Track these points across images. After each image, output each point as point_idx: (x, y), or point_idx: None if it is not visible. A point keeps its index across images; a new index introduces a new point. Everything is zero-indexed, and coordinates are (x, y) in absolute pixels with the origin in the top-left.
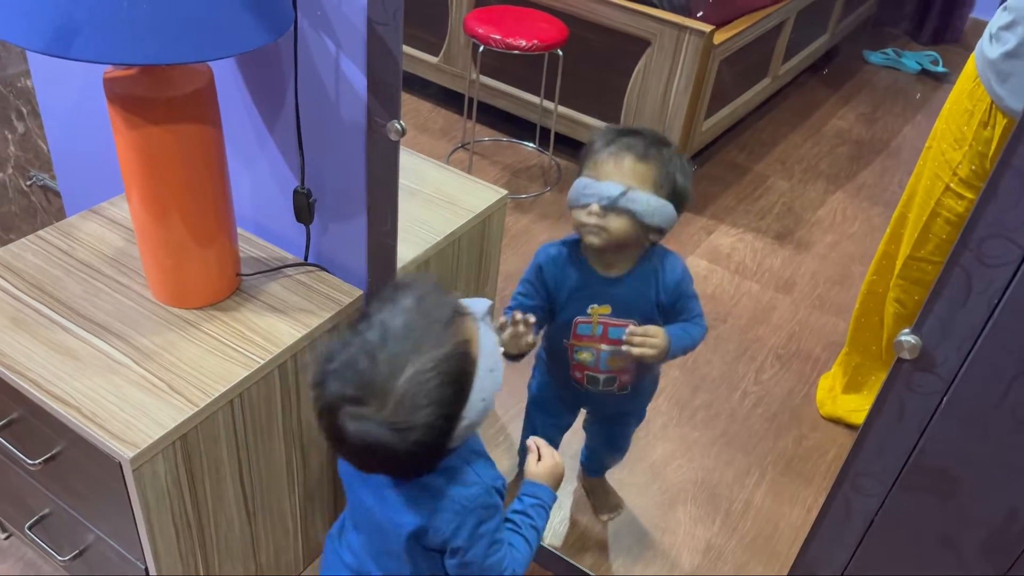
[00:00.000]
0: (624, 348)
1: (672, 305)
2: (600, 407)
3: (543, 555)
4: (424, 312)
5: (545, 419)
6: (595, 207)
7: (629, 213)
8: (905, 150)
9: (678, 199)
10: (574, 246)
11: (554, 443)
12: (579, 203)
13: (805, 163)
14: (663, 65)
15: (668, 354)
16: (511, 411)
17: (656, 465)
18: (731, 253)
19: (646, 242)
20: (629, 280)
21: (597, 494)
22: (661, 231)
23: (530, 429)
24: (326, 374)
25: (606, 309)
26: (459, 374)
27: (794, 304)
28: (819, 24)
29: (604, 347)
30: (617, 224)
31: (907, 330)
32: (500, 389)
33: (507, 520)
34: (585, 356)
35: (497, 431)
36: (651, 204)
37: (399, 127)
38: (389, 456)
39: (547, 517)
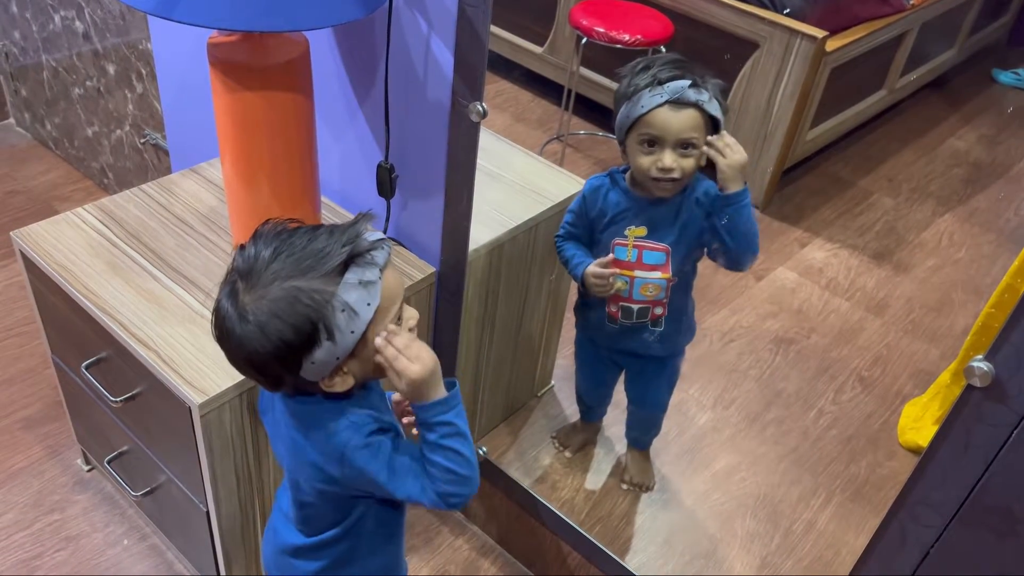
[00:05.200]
0: (707, 149)
1: (713, 213)
2: (634, 350)
3: (592, 551)
4: (337, 247)
5: (588, 376)
6: (668, 159)
7: (698, 109)
8: None
9: (720, 95)
10: (619, 174)
11: (602, 400)
12: (646, 107)
13: (914, 182)
14: (770, 69)
15: (743, 183)
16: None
17: (719, 475)
18: (823, 268)
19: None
20: (667, 202)
21: (633, 466)
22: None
23: (579, 387)
24: (242, 249)
25: (642, 231)
26: (322, 317)
27: (884, 327)
28: (946, 38)
29: (638, 273)
30: (687, 164)
31: (980, 356)
32: (347, 352)
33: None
34: (619, 284)
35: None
36: (712, 101)
37: (480, 109)
38: (231, 343)
39: (444, 422)
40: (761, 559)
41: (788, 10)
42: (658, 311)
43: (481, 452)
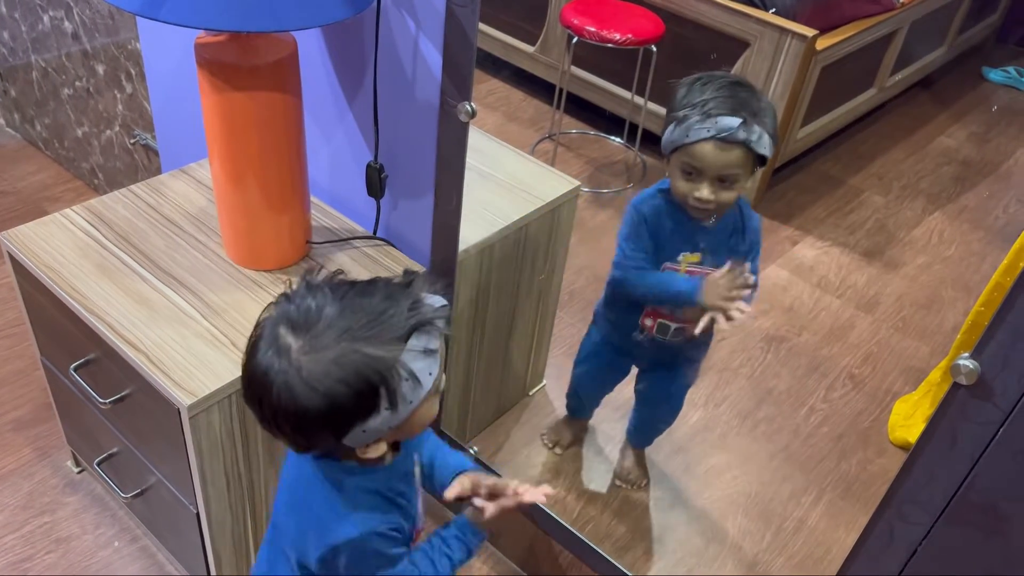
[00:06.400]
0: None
1: (747, 251)
2: (657, 357)
3: (583, 550)
4: (402, 312)
5: (593, 378)
6: (706, 192)
7: (744, 149)
8: (1016, 174)
9: (774, 130)
10: (668, 193)
11: (600, 399)
12: (692, 138)
13: (904, 180)
14: (760, 68)
15: None
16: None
17: (711, 473)
18: (815, 266)
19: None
20: (719, 226)
21: (628, 463)
22: (760, 165)
23: (577, 386)
24: (289, 299)
25: (696, 257)
26: (386, 385)
27: (875, 324)
28: (935, 37)
29: None
30: (727, 196)
31: (966, 354)
32: (402, 422)
33: (428, 540)
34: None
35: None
36: (764, 137)
37: (469, 109)
38: (274, 399)
39: (466, 553)
40: (752, 556)
41: (774, 9)
42: (691, 329)
43: (472, 452)
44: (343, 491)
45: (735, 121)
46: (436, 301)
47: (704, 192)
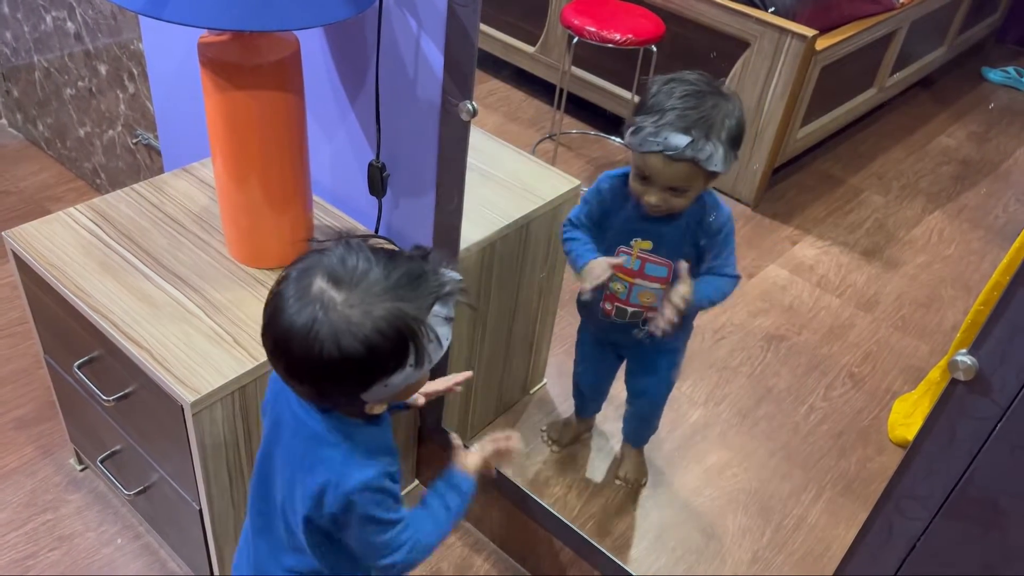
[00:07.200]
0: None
1: (710, 249)
2: (625, 343)
3: (584, 547)
4: (428, 282)
5: (587, 366)
6: (653, 199)
7: (693, 164)
8: (1015, 174)
9: (735, 142)
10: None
11: (600, 391)
12: (642, 149)
13: (904, 179)
14: (760, 68)
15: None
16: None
17: (710, 471)
18: (815, 265)
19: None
20: (676, 221)
21: (627, 462)
22: (716, 175)
23: (577, 382)
24: (331, 252)
25: (648, 244)
26: (417, 341)
27: (874, 323)
28: (935, 37)
29: (637, 281)
30: (678, 202)
31: (964, 350)
32: (416, 381)
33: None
34: (617, 287)
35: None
36: (716, 154)
37: (470, 108)
38: (315, 350)
39: (463, 500)
40: (752, 554)
41: (773, 8)
42: (651, 315)
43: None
44: (356, 442)
45: (683, 140)
46: (454, 275)
47: (652, 198)
